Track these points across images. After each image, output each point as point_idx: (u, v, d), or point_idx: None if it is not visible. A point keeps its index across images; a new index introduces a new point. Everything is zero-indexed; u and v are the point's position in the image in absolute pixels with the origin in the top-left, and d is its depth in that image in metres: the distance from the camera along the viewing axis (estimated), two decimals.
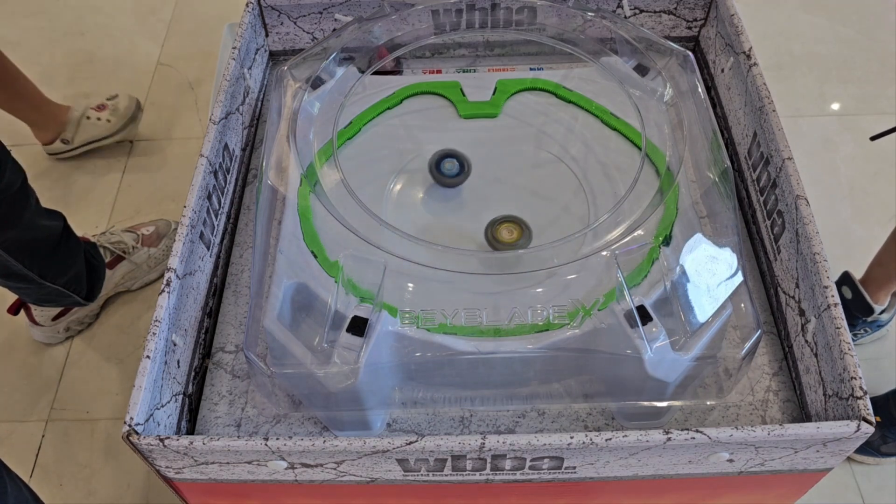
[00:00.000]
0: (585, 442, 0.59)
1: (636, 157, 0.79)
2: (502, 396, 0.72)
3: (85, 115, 1.51)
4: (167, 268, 0.68)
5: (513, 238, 0.71)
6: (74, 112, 1.50)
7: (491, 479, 0.66)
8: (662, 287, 0.67)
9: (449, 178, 0.78)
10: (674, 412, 0.71)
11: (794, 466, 0.65)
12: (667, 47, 0.85)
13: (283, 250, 0.72)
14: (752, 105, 0.82)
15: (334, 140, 0.78)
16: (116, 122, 1.52)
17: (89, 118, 1.51)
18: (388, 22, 0.88)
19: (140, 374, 0.62)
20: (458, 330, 0.67)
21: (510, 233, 0.72)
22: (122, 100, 1.54)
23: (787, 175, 0.73)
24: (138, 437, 0.59)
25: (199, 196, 0.74)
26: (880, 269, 1.19)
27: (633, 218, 0.71)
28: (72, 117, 1.49)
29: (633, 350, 0.63)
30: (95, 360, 1.30)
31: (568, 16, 0.92)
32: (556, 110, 0.86)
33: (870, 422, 0.59)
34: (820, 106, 1.65)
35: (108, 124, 1.51)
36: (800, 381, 0.71)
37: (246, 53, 0.92)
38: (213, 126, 0.80)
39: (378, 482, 0.66)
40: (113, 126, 1.52)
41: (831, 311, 0.64)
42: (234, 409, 0.73)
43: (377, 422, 0.71)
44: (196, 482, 0.66)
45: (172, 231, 1.41)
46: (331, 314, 0.66)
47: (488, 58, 1.03)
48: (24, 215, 1.00)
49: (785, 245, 0.74)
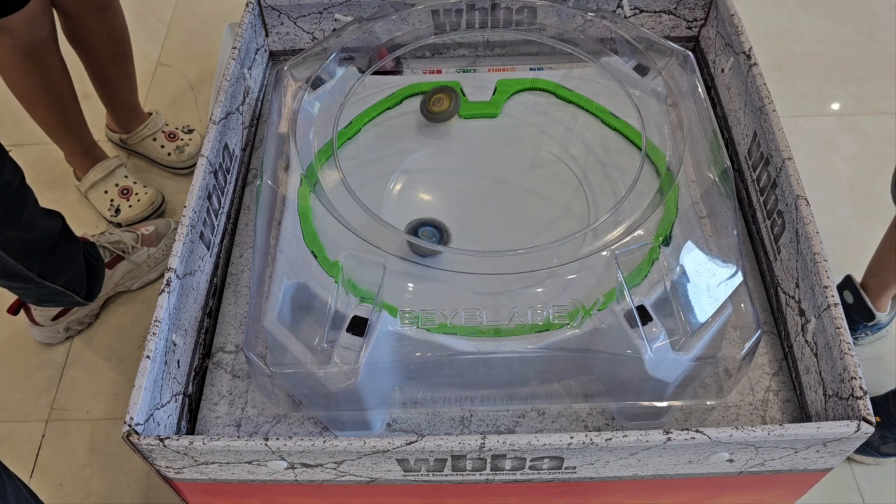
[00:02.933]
0: (585, 442, 0.59)
1: (636, 157, 0.79)
2: (502, 396, 0.72)
3: (153, 137, 1.51)
4: (167, 268, 0.68)
5: (443, 107, 0.75)
6: (148, 128, 1.51)
7: (491, 479, 0.66)
8: (662, 287, 0.67)
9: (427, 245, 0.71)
10: (674, 412, 0.71)
11: (794, 466, 0.65)
12: (667, 47, 0.85)
13: (283, 250, 0.72)
14: (752, 105, 0.82)
15: (334, 140, 0.78)
16: (179, 159, 1.52)
17: (156, 140, 1.51)
18: (388, 22, 0.88)
19: (140, 374, 0.62)
20: (458, 330, 0.67)
21: (440, 103, 0.75)
22: (192, 142, 1.53)
23: (787, 175, 0.73)
24: (138, 437, 0.59)
25: (199, 196, 0.74)
26: (876, 279, 1.20)
27: (633, 218, 0.71)
28: (142, 132, 1.51)
29: (633, 350, 0.63)
30: (95, 360, 1.30)
31: (568, 16, 0.92)
32: (556, 110, 0.86)
33: (870, 422, 0.59)
34: (820, 106, 1.64)
35: (167, 157, 1.51)
36: (800, 381, 0.71)
37: (246, 53, 0.92)
38: (213, 126, 0.80)
39: (378, 482, 0.66)
40: (175, 159, 1.52)
41: (831, 311, 0.64)
42: (234, 409, 0.73)
43: (377, 422, 0.71)
44: (196, 482, 0.66)
45: (172, 231, 1.40)
46: (331, 314, 0.66)
47: (488, 58, 1.03)
48: (23, 215, 0.99)
49: (785, 245, 0.74)
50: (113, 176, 1.44)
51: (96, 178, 1.42)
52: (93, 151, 1.43)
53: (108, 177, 1.43)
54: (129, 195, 1.43)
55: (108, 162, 1.43)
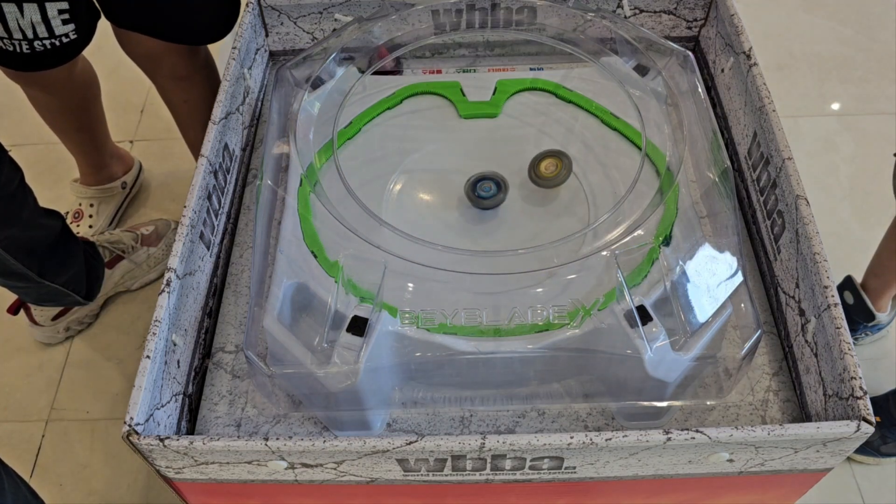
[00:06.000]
0: (585, 442, 0.59)
1: (636, 157, 0.79)
2: (502, 396, 0.72)
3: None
4: (167, 268, 0.68)
5: (553, 172, 0.76)
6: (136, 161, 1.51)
7: (491, 479, 0.66)
8: (662, 287, 0.67)
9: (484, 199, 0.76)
10: (674, 412, 0.71)
11: (794, 466, 0.65)
12: (667, 47, 0.85)
13: (283, 250, 0.72)
14: (752, 105, 0.82)
15: (334, 140, 0.78)
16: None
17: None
18: (388, 22, 0.88)
19: (140, 374, 0.62)
20: (458, 330, 0.67)
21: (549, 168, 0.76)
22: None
23: (787, 175, 0.73)
24: (138, 437, 0.59)
25: (199, 196, 0.74)
26: (876, 280, 1.20)
27: (633, 218, 0.71)
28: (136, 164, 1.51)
29: (633, 350, 0.63)
30: (95, 360, 1.30)
31: (568, 16, 0.92)
32: (556, 110, 0.86)
33: (870, 422, 0.59)
34: (820, 106, 1.65)
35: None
36: (800, 381, 0.71)
37: (246, 53, 0.92)
38: (213, 126, 0.80)
39: (378, 482, 0.66)
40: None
41: (831, 310, 0.64)
42: (234, 409, 0.73)
43: (377, 422, 0.71)
44: (196, 482, 0.66)
45: (172, 231, 1.40)
46: (331, 314, 0.66)
47: (488, 58, 1.03)
48: (23, 214, 1.00)
49: (785, 245, 0.74)
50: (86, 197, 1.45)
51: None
52: (104, 171, 1.44)
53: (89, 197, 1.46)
54: (79, 218, 1.45)
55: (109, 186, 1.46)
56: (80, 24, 1.05)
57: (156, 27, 1.07)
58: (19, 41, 1.01)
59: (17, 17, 0.97)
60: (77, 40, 1.06)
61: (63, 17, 1.01)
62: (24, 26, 0.99)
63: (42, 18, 0.99)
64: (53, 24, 1.01)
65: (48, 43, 1.03)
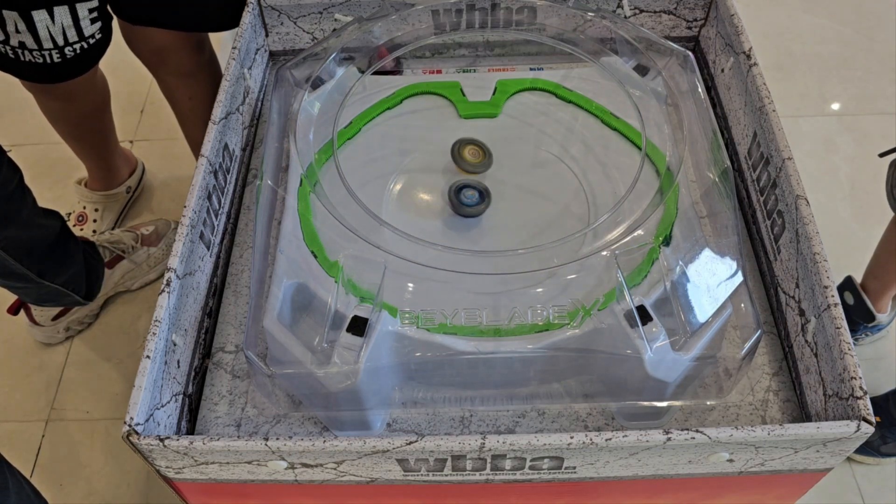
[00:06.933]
0: (585, 442, 0.59)
1: (636, 157, 0.79)
2: (502, 396, 0.72)
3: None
4: (167, 268, 0.68)
5: (478, 160, 0.77)
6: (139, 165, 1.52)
7: (491, 479, 0.66)
8: (662, 287, 0.67)
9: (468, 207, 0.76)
10: (674, 412, 0.71)
11: (794, 466, 0.65)
12: (667, 47, 0.85)
13: (283, 250, 0.72)
14: (752, 105, 0.82)
15: (334, 140, 0.78)
16: None
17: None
18: (388, 22, 0.88)
19: (140, 374, 0.62)
20: (458, 330, 0.67)
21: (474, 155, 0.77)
22: None
23: (787, 175, 0.73)
24: (138, 437, 0.59)
25: (199, 196, 0.74)
26: (875, 281, 1.20)
27: (633, 218, 0.71)
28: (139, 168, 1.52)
29: (633, 350, 0.63)
30: (95, 360, 1.30)
31: (568, 16, 0.92)
32: (556, 110, 0.86)
33: (870, 422, 0.59)
34: (820, 106, 1.65)
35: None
36: (800, 381, 0.71)
37: (246, 53, 0.92)
38: (213, 126, 0.80)
39: (378, 482, 0.66)
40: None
41: (831, 310, 0.64)
42: (234, 409, 0.73)
43: (377, 422, 0.71)
44: (196, 482, 0.66)
45: (172, 231, 1.41)
46: (331, 314, 0.66)
47: (488, 58, 1.03)
48: (22, 213, 1.00)
49: (785, 245, 0.74)
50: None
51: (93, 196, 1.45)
52: (112, 174, 1.45)
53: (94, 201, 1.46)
54: (83, 222, 1.45)
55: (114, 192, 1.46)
56: (105, 24, 1.06)
57: (167, 18, 1.08)
58: (49, 50, 1.01)
59: (47, 25, 0.97)
60: (102, 40, 1.07)
61: (92, 17, 1.02)
62: (54, 33, 0.98)
63: (73, 22, 0.99)
64: (83, 25, 1.01)
65: (77, 47, 1.03)
